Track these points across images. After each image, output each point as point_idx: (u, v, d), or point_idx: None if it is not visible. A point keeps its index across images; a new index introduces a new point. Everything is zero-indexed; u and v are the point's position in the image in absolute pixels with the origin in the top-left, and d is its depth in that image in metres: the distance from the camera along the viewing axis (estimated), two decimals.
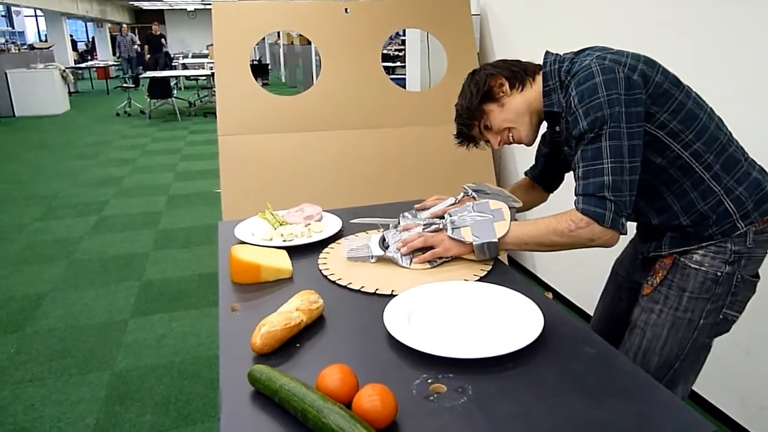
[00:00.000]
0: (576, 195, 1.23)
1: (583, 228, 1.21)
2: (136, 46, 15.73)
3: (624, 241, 1.37)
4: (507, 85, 1.35)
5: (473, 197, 1.47)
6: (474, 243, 1.31)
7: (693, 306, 1.28)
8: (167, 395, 2.40)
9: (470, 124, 1.41)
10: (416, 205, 1.57)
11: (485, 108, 1.37)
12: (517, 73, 1.35)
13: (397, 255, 1.36)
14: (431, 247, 1.35)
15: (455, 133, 1.47)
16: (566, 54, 1.33)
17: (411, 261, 1.35)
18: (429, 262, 1.35)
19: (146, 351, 2.74)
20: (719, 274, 1.26)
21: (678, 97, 1.23)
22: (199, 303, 3.23)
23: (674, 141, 1.23)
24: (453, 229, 1.34)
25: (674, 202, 1.28)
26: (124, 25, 15.94)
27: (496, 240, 1.31)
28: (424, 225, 1.41)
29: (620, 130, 1.17)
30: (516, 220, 1.46)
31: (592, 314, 2.82)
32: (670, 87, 1.23)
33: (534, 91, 1.34)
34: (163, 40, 16.03)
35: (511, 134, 1.38)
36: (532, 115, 1.36)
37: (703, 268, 1.27)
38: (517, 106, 1.35)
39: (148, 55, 15.63)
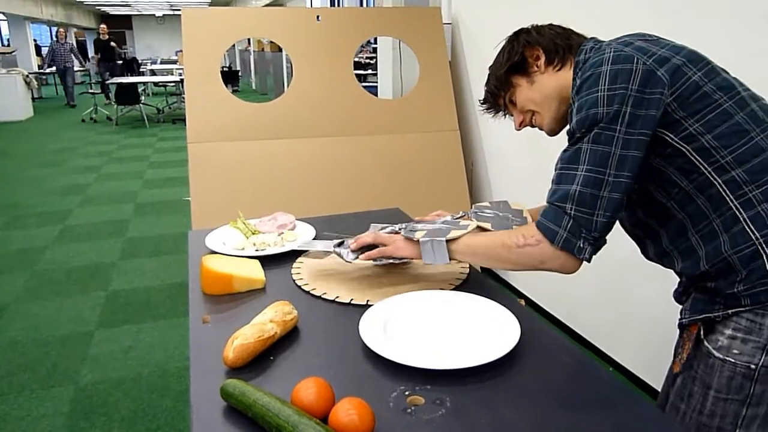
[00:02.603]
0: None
1: (532, 246, 1.03)
2: (73, 56, 12.77)
3: None
4: (543, 59, 1.13)
5: (468, 216, 1.39)
6: (420, 240, 1.19)
7: (722, 410, 0.99)
8: (134, 409, 2.34)
9: (496, 93, 1.21)
10: (417, 218, 1.52)
11: (513, 80, 1.17)
12: (559, 47, 1.12)
13: (344, 250, 1.29)
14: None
15: (481, 98, 1.26)
16: (606, 41, 1.10)
17: (357, 257, 1.27)
18: (375, 260, 1.26)
19: (112, 363, 2.67)
20: (753, 366, 0.94)
21: (722, 105, 0.96)
22: (168, 314, 3.16)
23: (704, 161, 0.96)
24: (409, 230, 1.27)
25: (699, 244, 1.01)
26: (62, 30, 12.95)
27: (443, 240, 1.17)
28: (380, 228, 1.38)
29: (613, 135, 0.95)
30: None
31: (565, 321, 2.86)
32: (712, 90, 0.97)
33: (571, 75, 1.11)
34: (113, 44, 13.24)
35: (534, 118, 1.18)
36: (562, 104, 1.13)
37: (729, 359, 0.96)
38: (547, 87, 1.13)
39: (98, 66, 13.11)
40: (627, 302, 2.43)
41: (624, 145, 0.95)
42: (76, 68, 12.71)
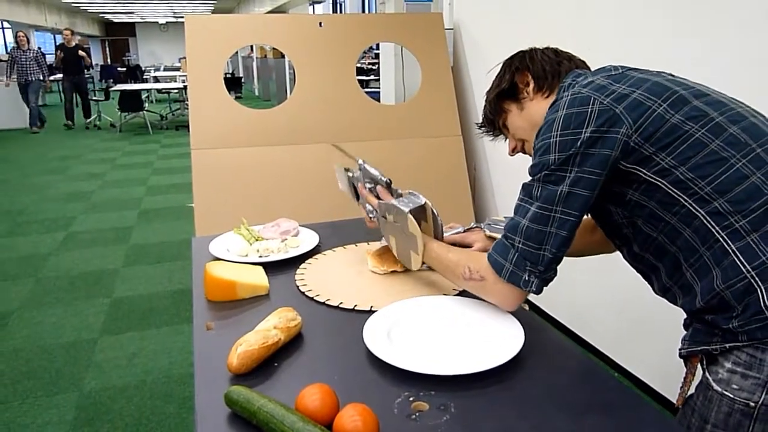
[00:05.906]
0: None
1: (476, 281, 1.08)
2: (38, 66, 10.01)
3: None
4: (532, 86, 1.14)
5: (481, 228, 1.42)
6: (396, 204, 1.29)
7: None
8: (138, 416, 2.33)
9: (491, 118, 1.23)
10: None
11: (504, 106, 1.19)
12: (548, 73, 1.13)
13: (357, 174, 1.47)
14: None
15: (479, 121, 1.29)
16: (582, 77, 1.08)
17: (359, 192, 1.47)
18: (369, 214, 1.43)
19: (116, 370, 2.67)
20: (752, 404, 0.89)
21: (693, 135, 0.92)
22: (172, 320, 3.16)
23: (683, 193, 0.93)
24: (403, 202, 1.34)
25: (695, 279, 0.96)
26: (21, 34, 10.27)
27: (407, 211, 1.24)
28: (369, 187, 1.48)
29: (564, 175, 0.96)
30: None
31: (568, 325, 2.85)
32: (680, 121, 0.93)
33: None
34: (82, 53, 10.38)
35: (524, 146, 1.20)
36: None
37: (728, 394, 0.91)
38: (534, 115, 1.12)
39: (59, 76, 10.48)
40: (636, 305, 2.42)
41: (572, 182, 0.96)
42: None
